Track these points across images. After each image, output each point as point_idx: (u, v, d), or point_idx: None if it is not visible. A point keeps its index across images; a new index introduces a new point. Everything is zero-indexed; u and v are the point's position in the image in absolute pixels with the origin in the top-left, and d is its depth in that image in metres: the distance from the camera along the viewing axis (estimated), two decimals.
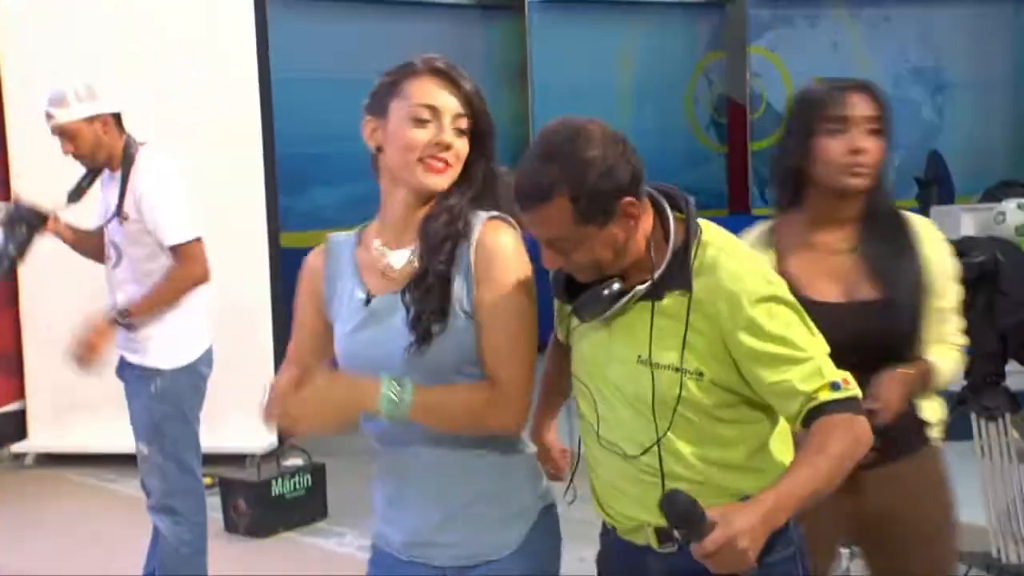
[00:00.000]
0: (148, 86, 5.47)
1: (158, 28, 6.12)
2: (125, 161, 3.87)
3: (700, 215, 2.12)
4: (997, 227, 4.47)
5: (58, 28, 6.26)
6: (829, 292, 2.45)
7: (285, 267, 6.13)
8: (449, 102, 2.03)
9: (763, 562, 1.80)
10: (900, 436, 2.39)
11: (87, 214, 4.06)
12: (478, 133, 2.07)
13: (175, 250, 3.83)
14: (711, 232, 2.01)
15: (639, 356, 1.98)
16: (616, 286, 1.96)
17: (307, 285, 2.16)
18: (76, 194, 3.94)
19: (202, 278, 3.92)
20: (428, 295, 1.96)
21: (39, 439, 6.69)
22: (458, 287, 1.97)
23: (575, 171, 1.90)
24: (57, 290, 6.03)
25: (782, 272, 2.31)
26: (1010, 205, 4.53)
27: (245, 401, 3.93)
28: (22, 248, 3.82)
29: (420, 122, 2.01)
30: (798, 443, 2.01)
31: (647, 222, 1.99)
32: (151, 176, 3.90)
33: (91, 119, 3.86)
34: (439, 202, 2.03)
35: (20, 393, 6.93)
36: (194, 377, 4.05)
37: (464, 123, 2.04)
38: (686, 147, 9.35)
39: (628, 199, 1.91)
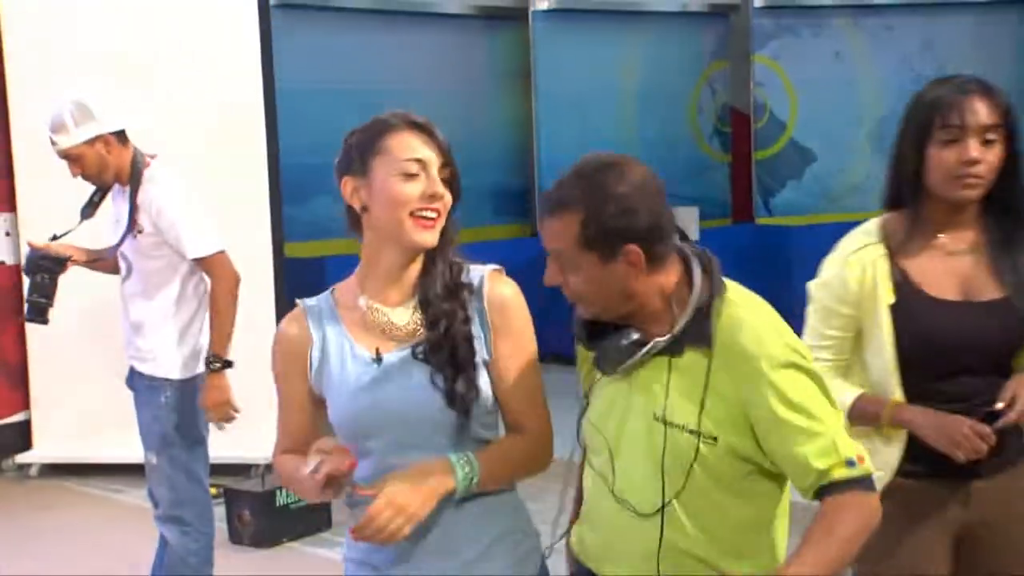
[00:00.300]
0: (151, 97, 5.48)
1: (161, 39, 6.12)
2: (133, 176, 3.86)
3: (707, 224, 2.13)
4: None
5: (59, 38, 6.26)
6: (949, 291, 2.40)
7: (289, 277, 6.14)
8: (432, 154, 2.03)
9: None
10: (1012, 446, 2.36)
11: (92, 223, 4.05)
12: (453, 183, 2.07)
13: (201, 262, 3.84)
14: (736, 291, 1.99)
15: (655, 413, 1.96)
16: (634, 336, 1.96)
17: (289, 354, 2.09)
18: (89, 210, 3.97)
19: (237, 283, 3.90)
20: (455, 354, 1.97)
21: (44, 449, 6.68)
22: (476, 341, 2.00)
23: (595, 198, 1.91)
24: (63, 301, 5.94)
25: (900, 270, 2.37)
26: None
27: (249, 411, 3.94)
28: (48, 295, 3.85)
29: (409, 176, 2.01)
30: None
31: (669, 277, 1.97)
32: (164, 191, 3.89)
33: (92, 141, 3.84)
34: (433, 258, 2.04)
35: (25, 403, 6.92)
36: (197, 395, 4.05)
37: (446, 173, 2.04)
38: (690, 156, 9.31)
39: (634, 247, 1.90)
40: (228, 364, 3.83)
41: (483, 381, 1.99)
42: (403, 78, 8.13)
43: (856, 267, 2.43)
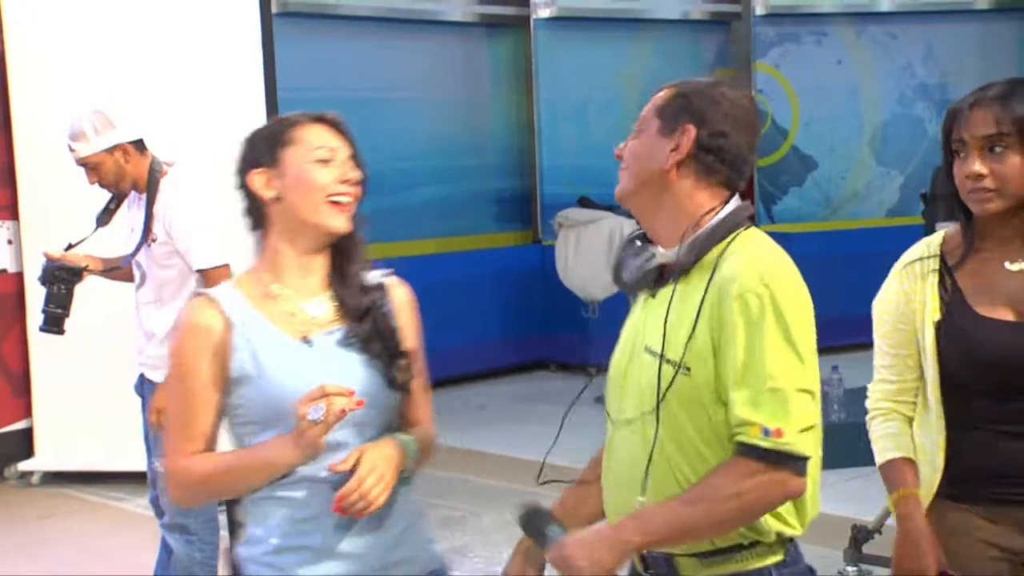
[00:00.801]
0: (153, 105, 5.49)
1: (163, 48, 6.14)
2: (150, 184, 3.87)
3: None
4: None
5: (61, 47, 6.30)
6: (1000, 309, 2.30)
7: None
8: (342, 144, 2.10)
9: None
10: None
11: (103, 230, 4.09)
12: (362, 181, 2.14)
13: (202, 274, 3.83)
14: (753, 235, 1.96)
15: (646, 345, 1.95)
16: (650, 253, 1.97)
17: (203, 345, 2.06)
18: (105, 217, 4.00)
19: None
20: (387, 343, 2.07)
21: (46, 457, 6.69)
22: (398, 333, 2.12)
23: (696, 84, 2.00)
24: None
25: (951, 286, 2.29)
26: None
27: None
28: (64, 305, 3.87)
29: (324, 162, 2.07)
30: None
31: (705, 199, 1.95)
32: (180, 200, 3.90)
33: (111, 150, 3.85)
34: (345, 253, 2.11)
35: (28, 411, 6.93)
36: None
37: (356, 166, 2.11)
38: None
39: (690, 127, 1.93)
40: None
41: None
42: (405, 85, 8.16)
43: (907, 279, 2.37)
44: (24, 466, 6.75)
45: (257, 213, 2.12)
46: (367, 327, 2.07)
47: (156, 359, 3.88)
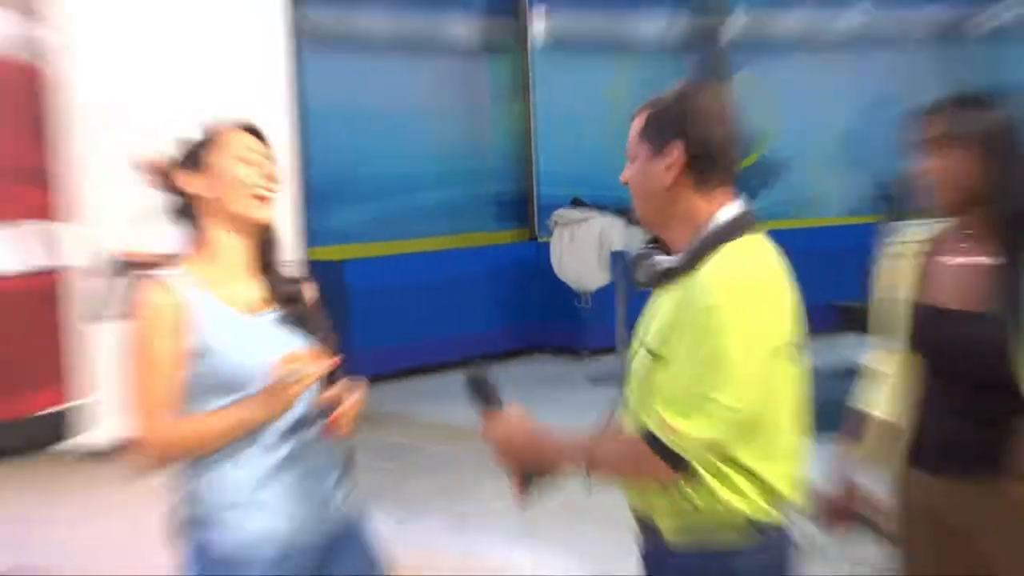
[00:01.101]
0: (186, 116, 5.59)
1: (196, 66, 6.24)
2: None
3: None
4: None
5: (98, 60, 6.32)
6: (949, 297, 2.24)
7: (312, 278, 6.31)
8: (263, 148, 2.21)
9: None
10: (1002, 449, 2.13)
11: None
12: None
13: None
14: (742, 244, 1.88)
15: (641, 339, 1.96)
16: (657, 257, 1.94)
17: (162, 320, 2.09)
18: (152, 217, 4.21)
19: None
20: (319, 322, 2.22)
21: (107, 431, 6.54)
22: None
23: (667, 99, 1.93)
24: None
25: (922, 271, 2.27)
26: None
27: None
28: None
29: (247, 161, 2.17)
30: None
31: (708, 206, 1.89)
32: None
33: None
34: (269, 244, 2.22)
35: (74, 393, 6.82)
36: None
37: (274, 167, 2.20)
38: None
39: (678, 144, 1.87)
40: None
41: None
42: (418, 100, 8.29)
43: (894, 258, 2.37)
44: (69, 444, 6.70)
45: (187, 209, 2.19)
46: (299, 310, 2.18)
47: None
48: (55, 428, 6.88)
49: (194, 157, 2.19)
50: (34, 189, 6.56)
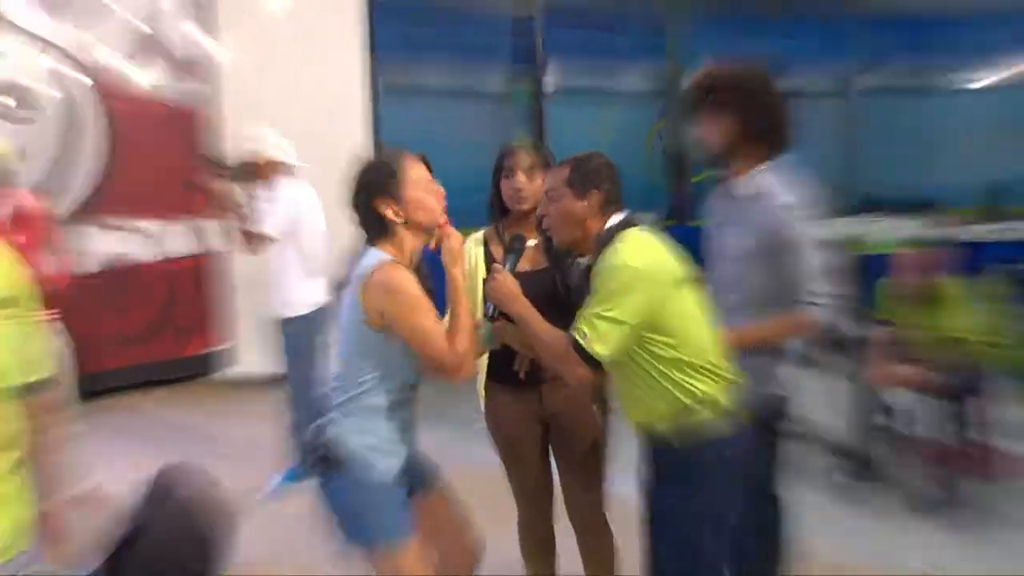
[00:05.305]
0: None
1: (301, 111, 6.95)
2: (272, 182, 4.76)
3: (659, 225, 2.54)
4: None
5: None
6: (526, 263, 2.85)
7: None
8: (430, 174, 2.53)
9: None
10: None
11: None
12: None
13: (258, 236, 4.69)
14: (627, 235, 2.39)
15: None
16: (582, 261, 2.50)
17: (414, 282, 2.46)
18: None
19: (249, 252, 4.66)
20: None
21: (249, 365, 7.49)
22: None
23: (580, 160, 2.49)
24: (247, 270, 6.85)
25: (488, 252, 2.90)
26: None
27: None
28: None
29: (430, 189, 2.52)
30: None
31: (601, 222, 2.44)
32: (283, 190, 4.82)
33: (268, 161, 4.82)
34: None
35: (228, 337, 7.82)
36: (312, 326, 4.81)
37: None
38: (647, 180, 9.90)
39: (597, 193, 2.43)
40: None
41: None
42: (459, 134, 8.69)
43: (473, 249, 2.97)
44: (231, 372, 7.79)
45: (382, 232, 2.47)
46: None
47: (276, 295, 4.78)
48: (210, 363, 8.03)
49: (388, 191, 2.48)
50: (193, 195, 7.51)
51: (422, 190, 2.53)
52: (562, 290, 2.82)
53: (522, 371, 2.89)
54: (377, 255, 2.47)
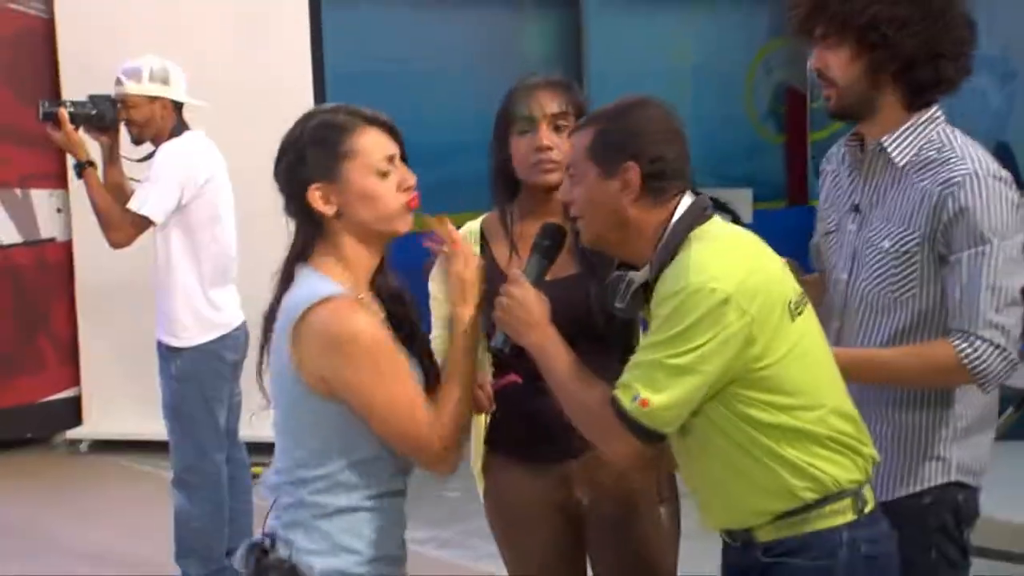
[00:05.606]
0: (201, 80, 5.59)
1: (213, 27, 6.47)
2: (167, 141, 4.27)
3: (761, 207, 2.08)
4: None
5: (110, 15, 6.59)
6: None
7: None
8: (397, 149, 2.14)
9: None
10: None
11: None
12: None
13: (127, 213, 4.19)
14: (697, 235, 2.05)
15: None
16: (628, 277, 2.13)
17: (379, 325, 2.21)
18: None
19: (116, 243, 4.23)
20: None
21: (94, 425, 6.90)
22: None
23: (611, 117, 2.10)
24: (112, 275, 6.24)
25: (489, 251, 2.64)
26: None
27: None
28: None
29: (384, 174, 2.12)
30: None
31: (664, 215, 2.07)
32: (164, 152, 4.24)
33: (154, 99, 4.24)
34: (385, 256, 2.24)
35: (76, 379, 7.06)
36: (214, 361, 4.27)
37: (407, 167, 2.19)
38: (744, 137, 9.38)
39: (632, 165, 2.03)
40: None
41: None
42: (455, 60, 8.14)
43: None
44: (72, 434, 6.91)
45: (315, 228, 2.14)
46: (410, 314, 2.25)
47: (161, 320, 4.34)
48: (46, 420, 7.13)
49: (322, 166, 2.12)
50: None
51: (374, 173, 2.14)
52: (599, 317, 2.48)
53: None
54: (313, 282, 2.14)
